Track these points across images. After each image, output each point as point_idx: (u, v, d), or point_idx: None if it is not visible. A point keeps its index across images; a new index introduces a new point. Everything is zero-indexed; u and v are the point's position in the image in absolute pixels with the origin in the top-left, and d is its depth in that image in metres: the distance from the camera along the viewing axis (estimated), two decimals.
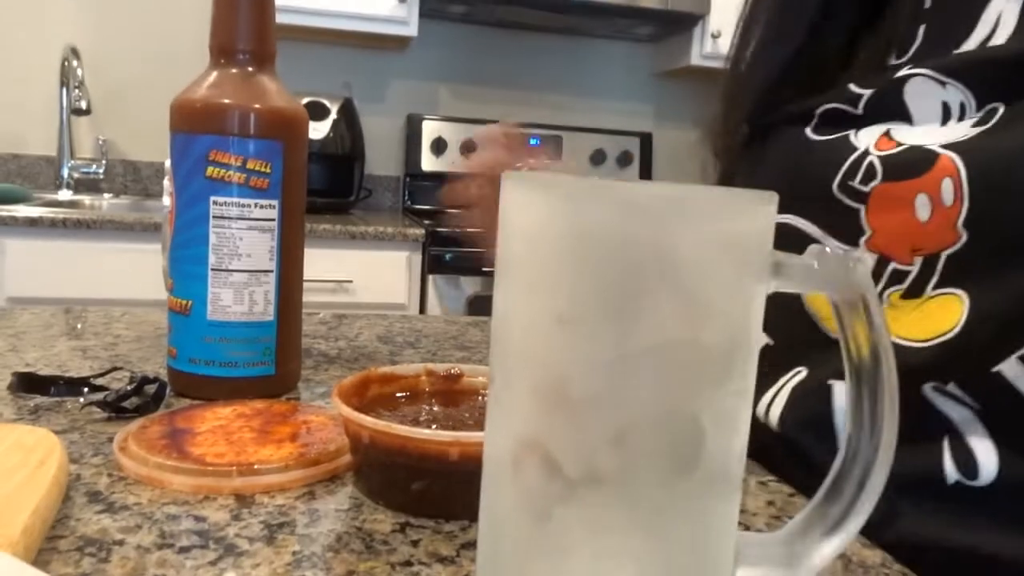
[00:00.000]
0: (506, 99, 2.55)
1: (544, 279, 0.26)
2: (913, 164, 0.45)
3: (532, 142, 2.10)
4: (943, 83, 0.45)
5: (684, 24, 2.36)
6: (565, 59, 2.60)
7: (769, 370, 0.53)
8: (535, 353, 0.26)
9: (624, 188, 0.26)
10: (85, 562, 0.33)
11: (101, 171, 2.17)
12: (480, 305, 1.96)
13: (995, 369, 0.39)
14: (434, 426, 0.43)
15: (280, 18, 0.59)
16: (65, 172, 2.13)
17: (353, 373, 0.46)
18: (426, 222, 2.04)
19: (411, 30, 2.15)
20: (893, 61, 0.50)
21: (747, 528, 0.41)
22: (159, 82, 2.19)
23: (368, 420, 0.39)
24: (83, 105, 2.00)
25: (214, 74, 0.54)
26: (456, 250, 1.95)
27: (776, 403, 0.52)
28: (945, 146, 0.44)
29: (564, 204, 0.25)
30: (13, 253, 1.65)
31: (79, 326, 0.74)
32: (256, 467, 0.41)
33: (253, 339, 0.54)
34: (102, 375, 0.56)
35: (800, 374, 0.51)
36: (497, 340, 0.28)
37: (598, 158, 2.47)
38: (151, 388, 0.53)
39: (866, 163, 0.47)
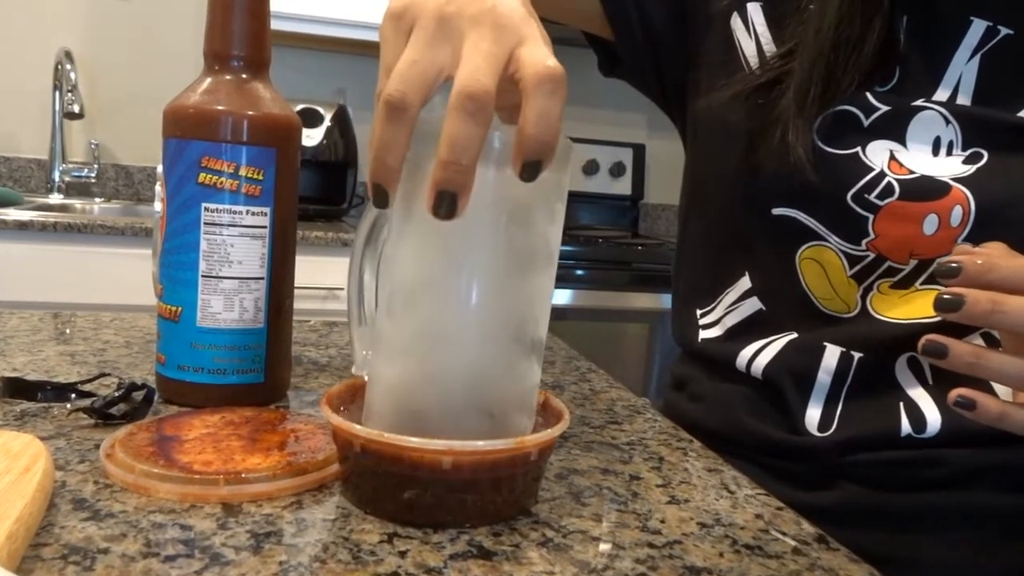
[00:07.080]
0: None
1: None
2: (929, 190, 0.54)
3: None
4: (948, 120, 0.55)
5: None
6: None
7: (758, 330, 0.63)
8: None
9: None
10: (69, 570, 0.33)
11: (93, 175, 2.16)
12: None
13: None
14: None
15: (275, 25, 0.59)
16: (56, 176, 2.12)
17: (342, 381, 0.46)
18: None
19: None
20: (878, 88, 0.58)
21: (734, 541, 0.41)
22: (153, 87, 2.18)
23: (360, 428, 0.39)
24: (76, 109, 1.99)
25: (208, 80, 0.54)
26: None
27: (763, 355, 0.62)
28: (955, 179, 0.54)
29: None
30: (3, 256, 1.64)
31: (67, 331, 0.73)
32: (244, 476, 0.41)
33: (243, 346, 0.54)
34: (90, 381, 0.55)
35: (791, 335, 0.61)
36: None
37: (591, 168, 2.48)
38: (139, 395, 0.52)
39: (884, 182, 0.55)
